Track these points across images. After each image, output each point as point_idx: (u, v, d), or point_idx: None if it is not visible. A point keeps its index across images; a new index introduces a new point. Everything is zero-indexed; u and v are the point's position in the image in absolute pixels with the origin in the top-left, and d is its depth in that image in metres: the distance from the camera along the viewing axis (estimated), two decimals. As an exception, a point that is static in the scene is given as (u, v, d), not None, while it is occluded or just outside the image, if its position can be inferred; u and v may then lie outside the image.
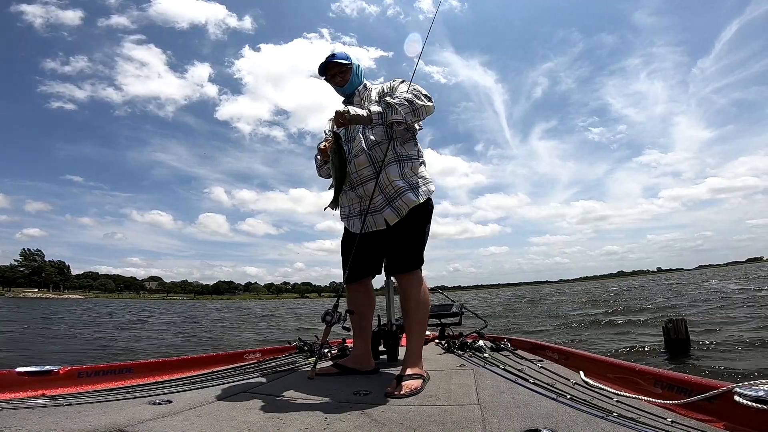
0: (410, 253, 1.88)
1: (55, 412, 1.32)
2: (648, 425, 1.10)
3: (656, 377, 1.46)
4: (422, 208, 1.89)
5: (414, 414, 1.30)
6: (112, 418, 1.24)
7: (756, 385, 1.12)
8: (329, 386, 1.74)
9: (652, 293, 20.04)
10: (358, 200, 1.96)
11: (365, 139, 1.91)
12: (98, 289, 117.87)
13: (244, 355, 2.58)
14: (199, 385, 1.77)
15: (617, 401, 1.33)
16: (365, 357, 2.11)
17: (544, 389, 1.51)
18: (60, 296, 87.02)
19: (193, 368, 2.20)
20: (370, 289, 2.13)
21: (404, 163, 1.89)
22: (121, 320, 16.47)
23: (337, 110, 1.78)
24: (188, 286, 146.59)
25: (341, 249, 2.09)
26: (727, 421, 1.14)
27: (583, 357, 1.99)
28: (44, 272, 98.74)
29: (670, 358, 5.38)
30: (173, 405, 1.43)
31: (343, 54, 2.03)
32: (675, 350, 5.46)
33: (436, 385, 1.70)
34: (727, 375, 4.27)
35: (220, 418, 1.28)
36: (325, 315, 1.72)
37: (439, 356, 2.49)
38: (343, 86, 2.05)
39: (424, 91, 1.88)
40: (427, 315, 1.97)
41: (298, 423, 1.22)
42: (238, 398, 1.55)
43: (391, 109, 1.78)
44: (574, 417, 1.19)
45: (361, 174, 1.91)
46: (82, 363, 1.96)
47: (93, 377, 1.86)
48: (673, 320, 5.57)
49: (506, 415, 1.24)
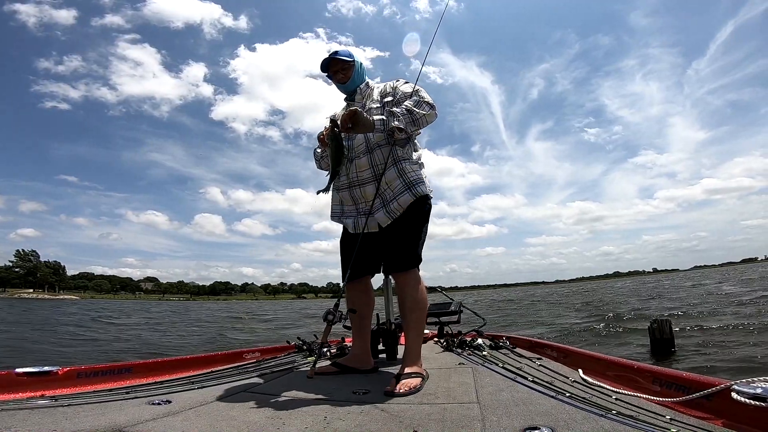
0: (407, 252, 1.88)
1: (55, 413, 1.31)
2: (647, 423, 1.10)
3: (655, 375, 1.46)
4: (419, 207, 1.90)
5: (413, 412, 1.30)
6: (112, 419, 1.24)
7: (753, 382, 1.13)
8: (328, 385, 1.74)
9: (636, 295, 20.35)
10: (353, 201, 1.96)
11: (367, 141, 1.91)
12: (94, 289, 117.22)
13: (243, 354, 2.58)
14: (198, 385, 1.76)
15: (616, 399, 1.33)
16: (364, 356, 2.11)
17: (543, 387, 1.51)
18: (55, 297, 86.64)
19: (192, 368, 2.19)
20: (369, 288, 2.13)
21: (402, 164, 1.89)
22: (80, 320, 16.48)
23: (350, 109, 1.74)
24: (184, 287, 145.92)
25: (340, 248, 2.09)
26: (725, 419, 1.14)
27: (581, 355, 1.99)
28: (39, 273, 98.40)
29: (655, 357, 5.51)
30: (172, 405, 1.43)
31: (345, 51, 2.04)
32: (660, 350, 5.61)
33: (436, 384, 1.70)
34: (707, 370, 4.42)
35: (219, 418, 1.27)
36: (327, 314, 1.73)
37: (438, 355, 2.49)
38: (345, 83, 2.05)
39: (427, 98, 1.86)
40: (425, 314, 1.98)
41: (298, 422, 1.22)
42: (237, 398, 1.55)
43: (393, 118, 1.78)
44: (573, 415, 1.19)
45: (361, 176, 1.91)
46: (81, 363, 1.96)
47: (92, 378, 1.85)
48: (658, 320, 5.75)
49: (505, 413, 1.24)
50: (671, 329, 5.63)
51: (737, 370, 4.47)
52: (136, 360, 2.19)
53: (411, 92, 1.89)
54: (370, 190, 1.90)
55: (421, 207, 1.91)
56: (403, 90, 1.94)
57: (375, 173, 1.89)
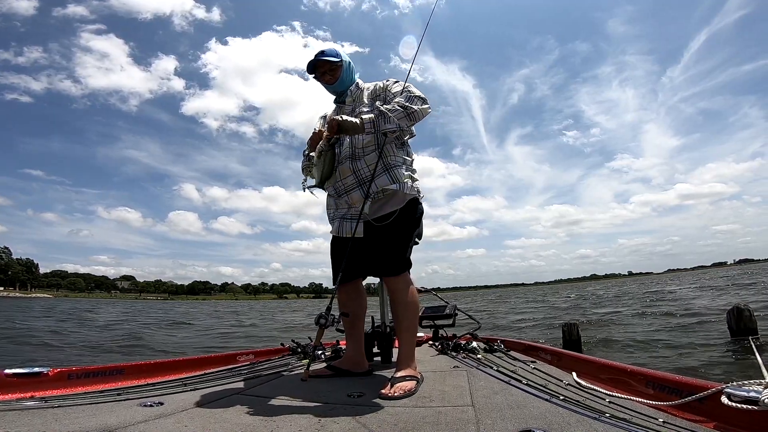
0: (397, 256, 1.88)
1: (45, 414, 1.30)
2: (640, 425, 1.11)
3: (648, 378, 1.47)
4: (409, 211, 1.89)
5: (408, 415, 1.29)
6: (103, 420, 1.22)
7: (745, 385, 1.14)
8: (323, 388, 1.73)
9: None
10: (341, 206, 1.95)
11: (353, 146, 1.90)
12: (67, 288, 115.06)
13: (237, 356, 2.56)
14: (191, 387, 1.75)
15: (609, 402, 1.34)
16: (359, 359, 2.10)
17: (537, 390, 1.51)
18: (27, 295, 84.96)
19: (185, 370, 2.18)
20: (361, 291, 2.12)
21: (393, 170, 1.86)
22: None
23: (332, 118, 1.77)
24: (162, 286, 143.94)
25: (330, 251, 2.07)
26: (717, 421, 1.15)
27: (575, 358, 2.00)
28: (11, 270, 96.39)
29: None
30: (165, 407, 1.41)
31: (332, 51, 1.99)
32: (572, 349, 6.31)
33: (430, 387, 1.70)
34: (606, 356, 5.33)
35: (212, 420, 1.26)
36: (319, 318, 1.71)
37: (432, 358, 2.49)
38: (333, 84, 2.00)
39: (417, 92, 1.84)
40: (417, 317, 1.97)
41: (291, 425, 1.21)
42: (230, 400, 1.54)
43: (384, 118, 1.75)
44: (567, 418, 1.19)
45: (345, 182, 1.90)
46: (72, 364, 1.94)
47: (83, 379, 1.83)
48: (568, 324, 6.98)
49: (500, 416, 1.24)
50: (578, 331, 6.83)
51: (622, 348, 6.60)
52: (128, 362, 2.17)
53: (401, 90, 1.87)
54: (356, 196, 1.87)
55: (411, 210, 1.90)
56: (393, 91, 1.92)
57: (358, 178, 1.86)
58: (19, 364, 1.82)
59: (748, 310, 6.36)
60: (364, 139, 1.87)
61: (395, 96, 1.87)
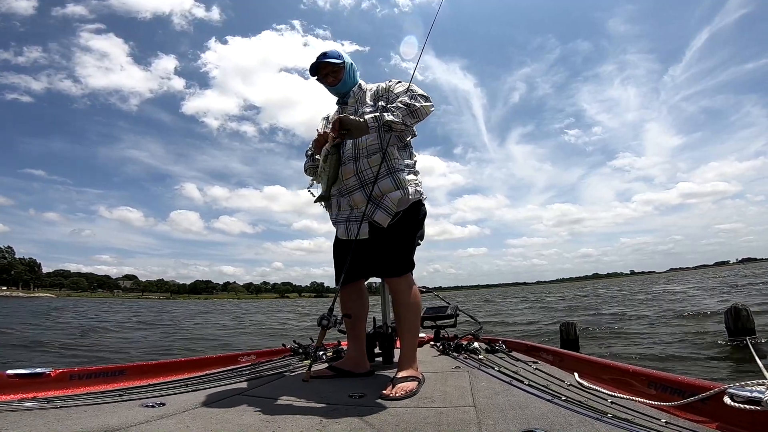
0: (400, 257, 1.87)
1: (47, 415, 1.30)
2: (642, 426, 1.10)
3: (650, 378, 1.47)
4: (412, 212, 1.89)
5: (409, 416, 1.29)
6: (104, 421, 1.22)
7: (748, 385, 1.14)
8: (324, 389, 1.73)
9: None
10: (345, 208, 1.94)
11: (356, 147, 1.89)
12: (70, 287, 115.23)
13: (238, 357, 2.56)
14: (192, 388, 1.75)
15: (611, 402, 1.34)
16: (360, 359, 2.10)
17: (539, 391, 1.51)
18: (30, 294, 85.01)
19: (187, 371, 2.18)
20: (363, 292, 2.12)
21: (396, 174, 1.85)
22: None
23: (338, 117, 1.76)
24: (164, 285, 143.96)
25: (333, 252, 2.07)
26: (720, 422, 1.15)
27: (577, 358, 2.00)
28: (14, 270, 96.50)
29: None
30: (166, 408, 1.41)
31: (334, 53, 1.99)
32: (570, 348, 6.38)
33: (432, 387, 1.69)
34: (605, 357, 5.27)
35: (213, 421, 1.26)
36: (321, 319, 1.71)
37: (434, 358, 2.49)
38: (335, 86, 2.00)
39: (420, 91, 1.85)
40: (419, 317, 1.97)
41: (293, 426, 1.21)
42: (232, 401, 1.54)
43: (387, 111, 1.76)
44: (569, 418, 1.19)
45: (348, 183, 1.89)
46: (74, 365, 1.95)
47: (85, 380, 1.84)
48: (566, 324, 7.01)
49: (501, 416, 1.24)
50: (576, 330, 6.86)
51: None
52: (130, 362, 2.17)
53: (404, 90, 1.88)
54: (358, 197, 1.86)
55: (415, 212, 1.90)
56: (396, 91, 1.92)
57: (360, 180, 1.86)
58: (21, 365, 1.82)
59: (746, 310, 6.36)
60: (367, 139, 1.87)
61: (398, 96, 1.88)
